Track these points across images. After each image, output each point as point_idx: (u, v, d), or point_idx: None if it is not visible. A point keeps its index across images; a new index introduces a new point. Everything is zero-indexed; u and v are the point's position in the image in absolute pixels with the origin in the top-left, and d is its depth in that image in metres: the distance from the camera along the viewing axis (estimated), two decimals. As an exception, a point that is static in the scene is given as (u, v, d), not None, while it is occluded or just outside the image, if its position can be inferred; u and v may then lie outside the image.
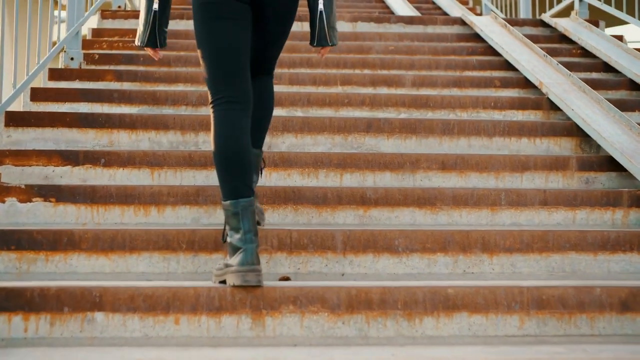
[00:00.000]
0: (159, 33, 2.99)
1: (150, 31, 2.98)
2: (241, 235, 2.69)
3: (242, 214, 2.71)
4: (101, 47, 5.59)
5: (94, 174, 3.84)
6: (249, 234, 2.69)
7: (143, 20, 2.99)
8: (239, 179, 2.75)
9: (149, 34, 2.98)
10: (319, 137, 4.27)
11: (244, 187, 2.75)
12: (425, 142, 4.31)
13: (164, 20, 2.99)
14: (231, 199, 2.74)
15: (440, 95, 4.75)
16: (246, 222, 2.70)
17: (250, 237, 2.69)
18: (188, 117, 4.26)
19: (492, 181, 3.97)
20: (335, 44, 3.03)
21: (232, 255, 2.71)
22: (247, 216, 2.71)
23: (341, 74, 5.11)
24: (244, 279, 2.66)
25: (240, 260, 2.67)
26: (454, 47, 5.84)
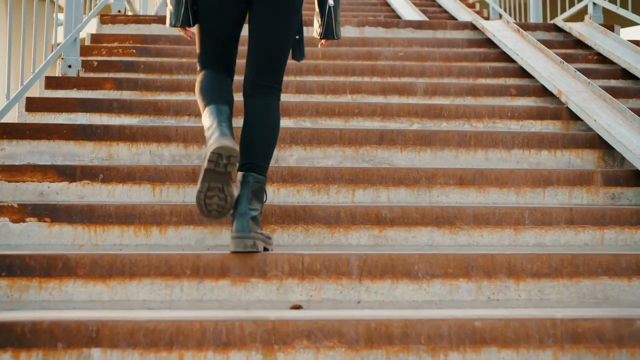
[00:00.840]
0: (192, 11, 3.03)
1: (184, 10, 3.01)
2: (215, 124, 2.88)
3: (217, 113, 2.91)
4: (100, 54, 5.36)
5: (92, 191, 3.60)
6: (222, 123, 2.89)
7: (175, 1, 3.02)
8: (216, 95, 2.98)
9: (183, 13, 3.01)
10: (329, 150, 4.04)
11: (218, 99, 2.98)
12: (440, 154, 4.08)
13: None
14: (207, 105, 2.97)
15: (455, 105, 4.52)
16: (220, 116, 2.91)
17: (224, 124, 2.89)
18: (191, 129, 4.02)
19: (512, 197, 3.74)
20: (340, 38, 3.25)
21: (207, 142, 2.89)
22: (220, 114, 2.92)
23: (350, 82, 4.87)
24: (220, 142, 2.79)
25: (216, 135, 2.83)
26: (466, 53, 5.61)
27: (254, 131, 2.99)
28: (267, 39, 3.04)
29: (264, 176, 2.98)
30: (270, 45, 3.05)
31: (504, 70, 5.25)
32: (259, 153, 2.97)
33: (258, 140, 2.99)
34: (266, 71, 3.06)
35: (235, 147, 2.81)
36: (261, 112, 3.02)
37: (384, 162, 4.05)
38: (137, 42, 5.66)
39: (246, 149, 2.97)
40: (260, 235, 2.91)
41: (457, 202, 3.71)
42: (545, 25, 6.30)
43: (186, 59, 5.39)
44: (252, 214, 2.89)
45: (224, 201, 2.83)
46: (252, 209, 2.90)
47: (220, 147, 2.78)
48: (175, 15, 3.02)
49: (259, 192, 2.94)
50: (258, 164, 2.96)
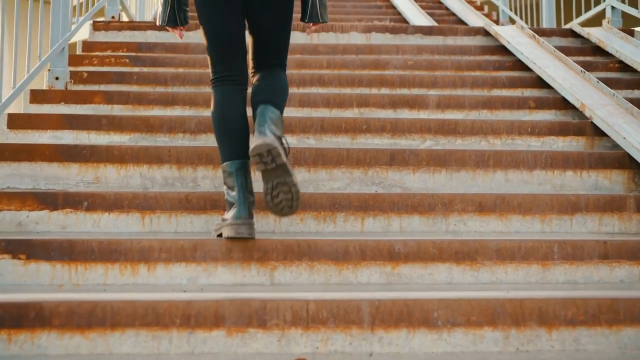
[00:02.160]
0: (179, 11, 3.08)
1: (170, 10, 3.06)
2: (236, 192, 2.91)
3: (237, 173, 2.92)
4: (91, 63, 5.00)
5: (75, 220, 3.25)
6: (241, 191, 2.91)
7: (163, 1, 3.07)
8: (234, 143, 2.95)
9: (169, 13, 3.06)
10: (335, 172, 3.67)
11: (238, 150, 2.95)
12: (456, 176, 3.71)
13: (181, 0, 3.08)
14: (227, 160, 2.95)
15: (470, 120, 4.15)
16: (239, 181, 2.92)
17: (244, 195, 2.91)
18: (185, 149, 3.66)
19: (537, 225, 3.37)
20: (326, 21, 3.16)
21: (228, 210, 2.94)
22: (240, 175, 2.92)
23: (357, 94, 4.50)
24: (237, 231, 2.87)
25: (234, 214, 2.89)
26: (479, 62, 5.24)
27: (265, 83, 3.06)
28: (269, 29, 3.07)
29: (281, 111, 3.00)
30: (273, 34, 3.08)
31: (521, 80, 4.87)
32: (273, 94, 3.02)
33: (271, 88, 3.04)
34: (271, 54, 3.10)
35: (252, 233, 2.89)
36: (270, 75, 3.09)
37: (395, 185, 3.69)
38: (131, 50, 5.30)
39: (260, 93, 3.01)
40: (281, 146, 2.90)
41: (476, 231, 3.35)
42: (561, 30, 5.92)
43: (182, 68, 5.03)
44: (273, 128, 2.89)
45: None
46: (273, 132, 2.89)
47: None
48: (163, 15, 3.09)
49: (277, 121, 2.94)
50: (273, 100, 2.99)
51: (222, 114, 2.99)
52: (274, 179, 2.83)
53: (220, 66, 3.04)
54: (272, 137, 2.81)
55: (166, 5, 3.07)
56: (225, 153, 2.97)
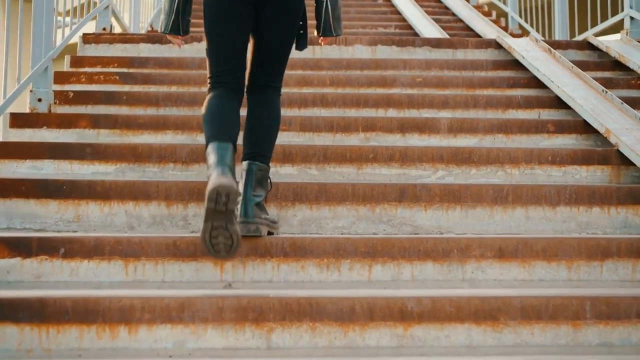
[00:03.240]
0: (183, 20, 3.01)
1: (174, 18, 2.99)
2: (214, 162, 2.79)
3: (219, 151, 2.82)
4: (79, 81, 4.65)
5: (50, 269, 2.89)
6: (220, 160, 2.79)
7: (167, 9, 3.00)
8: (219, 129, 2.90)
9: (173, 20, 3.00)
10: (340, 209, 3.32)
11: (222, 134, 2.88)
12: (472, 213, 3.36)
13: (188, 8, 3.01)
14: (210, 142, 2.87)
15: (486, 148, 3.79)
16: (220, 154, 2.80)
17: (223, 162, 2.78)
18: (175, 184, 3.31)
19: (563, 272, 3.01)
20: (340, 34, 3.14)
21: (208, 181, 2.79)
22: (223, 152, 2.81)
23: (363, 117, 4.14)
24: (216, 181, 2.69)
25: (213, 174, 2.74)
26: (492, 78, 4.87)
27: (256, 124, 3.03)
28: (271, 44, 3.04)
29: (267, 165, 3.01)
30: (274, 50, 3.05)
31: (538, 100, 4.51)
32: (262, 143, 3.01)
33: (260, 132, 3.03)
34: (269, 73, 3.07)
35: (234, 185, 2.71)
36: (263, 107, 3.05)
37: (405, 223, 3.33)
38: (123, 65, 4.94)
39: (249, 140, 3.02)
40: (264, 221, 2.95)
41: (495, 279, 2.99)
42: (577, 43, 5.55)
43: (175, 87, 4.68)
44: (256, 200, 2.93)
45: (230, 239, 2.73)
46: (256, 195, 2.94)
47: (218, 185, 2.69)
48: (166, 22, 3.02)
49: (262, 179, 2.98)
50: (261, 152, 3.00)
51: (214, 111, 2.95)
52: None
53: (219, 69, 3.00)
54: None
55: (170, 13, 3.00)
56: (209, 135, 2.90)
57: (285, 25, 3.01)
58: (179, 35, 3.05)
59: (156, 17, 7.52)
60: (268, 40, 3.02)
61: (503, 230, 3.36)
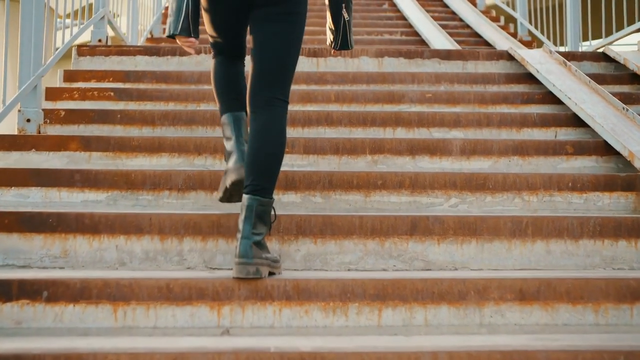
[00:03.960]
0: (194, 22, 2.91)
1: (184, 19, 2.89)
2: (233, 141, 2.98)
3: (234, 124, 3.00)
4: (71, 97, 4.40)
5: (32, 314, 2.64)
6: (238, 140, 2.99)
7: (175, 9, 2.91)
8: (232, 98, 3.03)
9: (182, 21, 2.89)
10: (346, 243, 3.07)
11: (235, 103, 3.03)
12: (488, 248, 3.10)
13: (196, 10, 2.92)
14: (225, 112, 3.03)
15: (502, 174, 3.53)
16: (236, 131, 2.99)
17: (240, 143, 2.98)
18: (169, 216, 3.06)
19: (589, 316, 2.75)
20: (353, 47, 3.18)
21: (227, 160, 3.00)
22: (236, 126, 3.00)
23: (370, 138, 3.89)
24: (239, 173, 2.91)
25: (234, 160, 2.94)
26: (505, 93, 4.61)
27: (258, 152, 2.82)
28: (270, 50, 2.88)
29: (269, 198, 2.80)
30: (273, 56, 2.87)
31: (554, 118, 4.26)
32: (264, 175, 2.80)
33: (262, 162, 2.81)
34: (270, 83, 2.86)
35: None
36: (264, 130, 2.83)
37: (416, 258, 3.08)
38: (118, 79, 4.70)
39: (250, 169, 2.80)
40: (265, 261, 2.74)
41: (516, 324, 2.74)
42: (592, 54, 5.29)
43: (173, 103, 4.43)
44: (255, 238, 2.73)
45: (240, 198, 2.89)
46: (255, 234, 2.73)
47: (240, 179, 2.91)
48: (175, 24, 2.90)
49: (263, 215, 2.77)
50: (262, 186, 2.78)
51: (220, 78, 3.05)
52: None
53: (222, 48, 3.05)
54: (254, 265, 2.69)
55: (179, 14, 2.89)
56: (223, 107, 3.04)
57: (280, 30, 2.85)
58: (190, 38, 2.91)
59: (156, 24, 7.27)
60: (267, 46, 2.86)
61: (522, 266, 3.10)
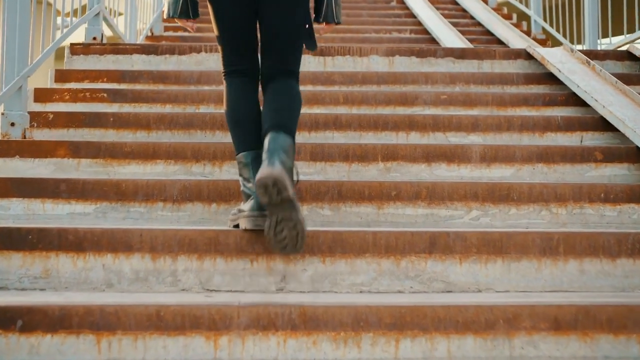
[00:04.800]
0: (192, 3, 2.88)
1: (183, 1, 2.86)
2: (252, 183, 2.74)
3: (252, 164, 2.76)
4: (62, 99, 4.08)
5: (4, 346, 2.32)
6: None
7: None
8: (248, 134, 2.81)
9: (182, 4, 2.86)
10: (358, 262, 2.74)
11: (252, 140, 2.79)
12: (515, 267, 2.77)
13: None
14: (242, 150, 2.80)
15: (527, 184, 3.20)
16: (255, 172, 2.71)
17: None
18: (162, 232, 2.73)
19: (634, 348, 2.42)
20: (341, 22, 2.97)
21: (245, 201, 2.78)
22: (256, 166, 2.74)
23: (382, 143, 3.56)
24: (255, 224, 2.69)
25: (252, 206, 2.72)
26: (525, 95, 4.28)
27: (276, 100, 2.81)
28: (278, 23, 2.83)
29: (293, 140, 2.75)
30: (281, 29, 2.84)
31: (580, 122, 3.92)
32: (284, 115, 2.77)
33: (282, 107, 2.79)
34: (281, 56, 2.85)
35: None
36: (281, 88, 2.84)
37: (435, 279, 2.75)
38: (113, 79, 4.38)
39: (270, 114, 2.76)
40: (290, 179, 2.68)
41: (550, 356, 2.41)
42: (616, 53, 4.95)
43: (170, 105, 4.11)
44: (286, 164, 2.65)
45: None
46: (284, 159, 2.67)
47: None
48: (174, 6, 2.87)
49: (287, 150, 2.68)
50: (284, 122, 2.74)
51: (235, 108, 2.85)
52: (279, 212, 2.57)
53: (232, 58, 2.87)
54: (281, 169, 2.55)
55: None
56: (240, 144, 2.81)
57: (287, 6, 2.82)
58: (190, 19, 2.90)
59: (157, 21, 6.95)
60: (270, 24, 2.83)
61: (553, 287, 2.78)
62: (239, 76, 2.87)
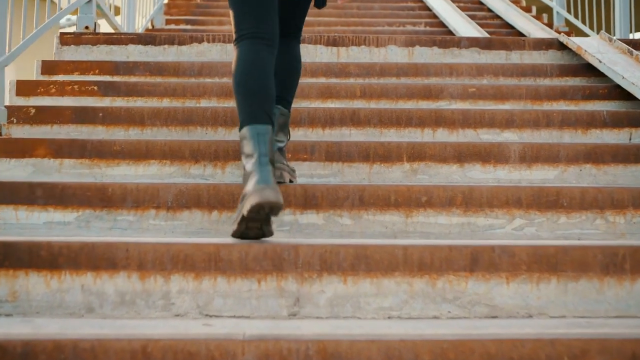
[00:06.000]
0: None
1: None
2: (256, 158, 2.32)
3: (258, 139, 2.36)
4: (47, 92, 3.62)
5: (-46, 391, 1.85)
6: (264, 157, 2.32)
7: None
8: (258, 106, 2.41)
9: None
10: (386, 282, 2.26)
11: (262, 114, 2.40)
12: (573, 288, 2.29)
13: None
14: (248, 124, 2.38)
15: (579, 188, 2.72)
16: (262, 146, 2.34)
17: (266, 161, 2.32)
18: (152, 247, 2.26)
19: None
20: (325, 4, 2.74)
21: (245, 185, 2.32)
22: (263, 141, 2.35)
23: (407, 142, 3.08)
24: (262, 196, 2.22)
25: (256, 180, 2.27)
26: (563, 87, 3.80)
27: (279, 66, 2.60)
28: None
29: (289, 110, 2.68)
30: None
31: (628, 117, 3.44)
32: (283, 86, 2.65)
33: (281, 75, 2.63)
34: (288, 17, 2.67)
35: (280, 199, 2.27)
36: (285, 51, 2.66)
37: (478, 302, 2.28)
38: (105, 71, 3.92)
39: None
40: (286, 167, 2.65)
41: (627, 402, 1.93)
42: (657, 43, 4.47)
43: (168, 99, 3.64)
44: (278, 145, 2.65)
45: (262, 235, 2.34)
46: (278, 140, 2.66)
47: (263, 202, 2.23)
48: None
49: (284, 125, 2.67)
50: (282, 96, 2.66)
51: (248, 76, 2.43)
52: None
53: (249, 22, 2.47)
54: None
55: None
56: (246, 116, 2.40)
57: None
58: None
59: (158, 13, 6.48)
60: None
61: (618, 312, 2.30)
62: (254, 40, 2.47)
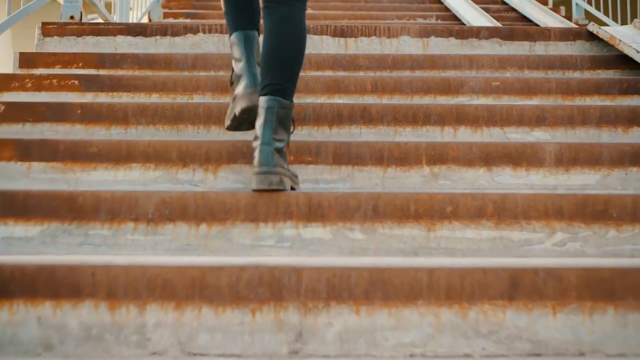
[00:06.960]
0: None
1: None
2: (243, 62, 2.50)
3: (245, 42, 2.53)
4: (22, 87, 3.21)
5: None
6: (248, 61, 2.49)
7: None
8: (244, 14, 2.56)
9: None
10: (407, 313, 1.85)
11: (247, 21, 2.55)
12: (633, 320, 1.87)
13: None
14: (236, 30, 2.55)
15: (631, 196, 2.30)
16: (246, 51, 2.51)
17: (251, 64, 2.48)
18: (124, 270, 1.85)
19: None
20: None
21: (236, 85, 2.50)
22: (248, 45, 2.53)
23: (426, 142, 2.66)
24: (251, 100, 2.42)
25: (245, 85, 2.45)
26: (597, 81, 3.38)
27: (277, 47, 2.38)
28: None
29: (291, 100, 2.36)
30: None
31: (674, 114, 3.02)
32: (284, 72, 2.36)
33: (282, 58, 2.37)
34: None
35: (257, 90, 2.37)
36: (283, 25, 2.41)
37: (519, 337, 1.86)
38: (90, 64, 3.51)
39: (269, 68, 2.36)
40: (287, 172, 2.33)
41: None
42: (695, 32, 4.03)
43: (157, 94, 3.23)
44: (277, 145, 2.31)
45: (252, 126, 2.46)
46: (277, 140, 2.32)
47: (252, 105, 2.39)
48: None
49: (285, 119, 2.35)
50: (283, 85, 2.35)
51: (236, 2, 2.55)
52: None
53: None
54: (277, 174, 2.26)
55: None
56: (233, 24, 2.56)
57: None
58: None
59: (155, 5, 6.06)
60: None
61: (688, 349, 1.88)
62: None
